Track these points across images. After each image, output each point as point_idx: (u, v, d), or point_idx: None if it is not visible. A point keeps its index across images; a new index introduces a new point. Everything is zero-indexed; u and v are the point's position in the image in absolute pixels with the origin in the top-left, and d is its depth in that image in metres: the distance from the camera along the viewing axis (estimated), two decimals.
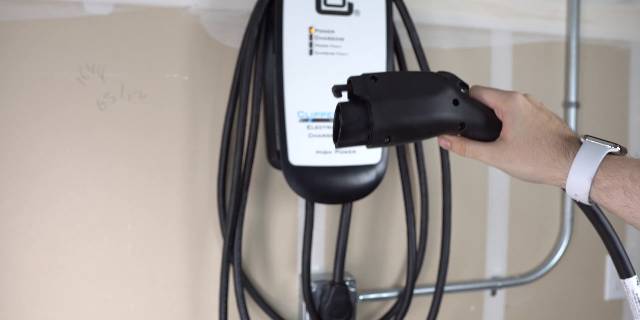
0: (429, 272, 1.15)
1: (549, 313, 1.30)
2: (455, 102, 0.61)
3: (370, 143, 0.60)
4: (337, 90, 0.60)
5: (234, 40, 1.01)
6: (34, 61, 0.91)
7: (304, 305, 1.04)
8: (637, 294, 0.61)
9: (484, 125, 0.63)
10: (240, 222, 0.94)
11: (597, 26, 1.30)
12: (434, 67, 1.11)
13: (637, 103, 1.36)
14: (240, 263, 0.95)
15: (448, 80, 0.63)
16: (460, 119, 0.62)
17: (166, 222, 0.99)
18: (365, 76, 0.60)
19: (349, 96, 0.62)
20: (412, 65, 1.04)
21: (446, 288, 1.17)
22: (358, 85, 0.60)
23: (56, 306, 0.94)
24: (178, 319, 1.01)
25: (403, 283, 1.15)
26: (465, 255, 1.21)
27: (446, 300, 1.19)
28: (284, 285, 1.07)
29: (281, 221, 1.06)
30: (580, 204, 0.62)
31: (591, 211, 0.63)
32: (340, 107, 0.60)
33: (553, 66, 1.27)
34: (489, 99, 0.64)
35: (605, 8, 1.30)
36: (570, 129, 0.62)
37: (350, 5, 0.94)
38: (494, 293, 1.23)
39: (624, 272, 0.61)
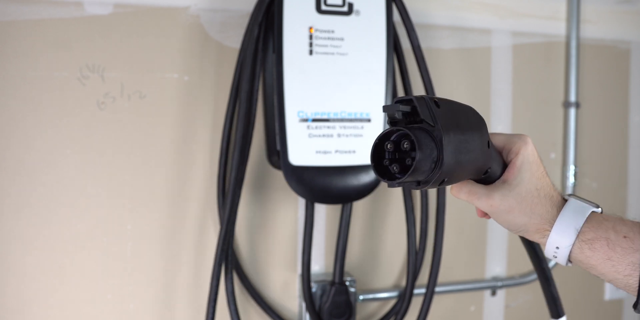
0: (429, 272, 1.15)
1: (549, 313, 1.29)
2: (489, 144, 0.54)
3: (428, 184, 0.49)
4: (391, 110, 0.49)
5: (234, 40, 1.01)
6: (34, 61, 0.91)
7: (304, 305, 1.04)
8: None
9: (499, 173, 0.57)
10: (232, 220, 0.94)
11: (597, 26, 1.30)
12: (434, 68, 1.11)
13: (637, 103, 1.36)
14: (233, 261, 0.95)
15: (482, 117, 0.55)
16: (489, 163, 0.55)
17: (166, 222, 0.99)
18: (427, 99, 0.49)
19: (391, 121, 0.50)
20: (412, 65, 1.04)
21: (446, 288, 1.17)
22: (424, 108, 0.48)
23: (56, 306, 0.94)
24: (178, 319, 1.01)
25: (403, 283, 1.15)
26: (465, 256, 1.21)
27: (446, 300, 1.19)
28: (284, 285, 1.07)
29: (281, 221, 1.06)
30: (527, 247, 0.64)
31: (535, 254, 0.64)
32: (410, 134, 0.47)
33: (553, 66, 1.27)
34: (499, 140, 0.60)
35: (605, 8, 1.30)
36: (555, 186, 0.61)
37: (350, 5, 0.94)
38: (494, 293, 1.23)
39: (556, 313, 0.69)
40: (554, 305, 0.66)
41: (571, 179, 1.26)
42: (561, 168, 1.28)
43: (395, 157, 0.50)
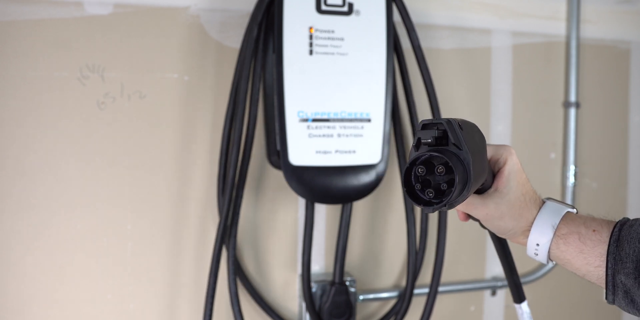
0: (429, 272, 1.15)
1: (549, 313, 1.30)
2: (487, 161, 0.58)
3: (454, 205, 0.50)
4: (428, 137, 0.49)
5: (234, 40, 1.01)
6: (34, 61, 0.91)
7: (304, 305, 1.04)
8: (529, 313, 0.79)
9: (490, 183, 0.61)
10: (235, 220, 0.94)
11: (597, 26, 1.30)
12: (434, 68, 1.11)
13: (637, 103, 1.36)
14: (234, 261, 0.95)
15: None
16: (485, 177, 0.58)
17: (166, 222, 0.99)
18: (454, 122, 0.50)
19: (423, 141, 0.50)
20: (412, 65, 1.04)
21: (446, 288, 1.17)
22: (453, 132, 0.49)
23: (56, 306, 0.94)
24: (178, 319, 1.01)
25: (403, 283, 1.15)
26: (465, 255, 1.21)
27: (446, 300, 1.19)
28: (284, 285, 1.07)
29: (281, 221, 1.06)
30: (494, 240, 0.68)
31: (500, 244, 0.67)
32: (448, 160, 0.48)
33: (553, 66, 1.27)
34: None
35: (605, 8, 1.30)
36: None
37: (350, 5, 0.94)
38: (494, 293, 1.23)
39: (518, 297, 0.75)
40: (516, 290, 0.74)
41: (571, 179, 1.26)
42: (561, 168, 1.28)
43: (427, 180, 0.50)
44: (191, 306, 1.02)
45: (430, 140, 0.50)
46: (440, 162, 0.49)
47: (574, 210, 0.63)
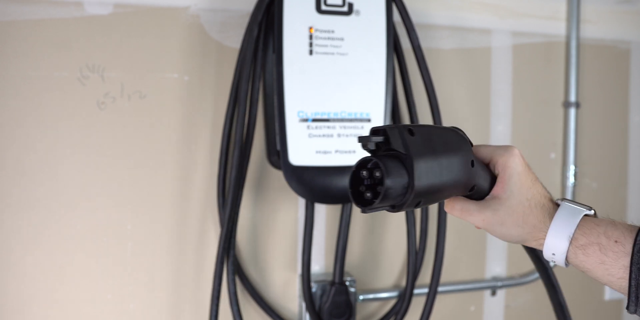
0: (429, 272, 1.15)
1: (549, 313, 1.29)
2: (472, 164, 0.56)
3: (402, 207, 0.52)
4: (365, 141, 0.52)
5: (234, 40, 1.01)
6: (34, 61, 0.91)
7: (304, 305, 1.04)
8: None
9: (488, 187, 0.59)
10: (235, 220, 0.94)
11: (597, 26, 1.30)
12: (434, 68, 1.11)
13: (637, 103, 1.36)
14: (234, 261, 0.95)
15: (465, 138, 0.57)
16: (473, 182, 0.57)
17: (166, 222, 0.99)
18: (401, 128, 0.52)
19: (365, 148, 0.53)
20: (412, 65, 1.04)
21: (446, 288, 1.17)
22: (395, 137, 0.51)
23: (56, 306, 0.94)
24: (178, 319, 1.01)
25: (403, 283, 1.15)
26: (465, 255, 1.21)
27: (446, 300, 1.19)
28: (284, 285, 1.07)
29: (281, 221, 1.06)
30: (531, 255, 0.64)
31: (539, 262, 0.64)
32: (379, 164, 0.50)
33: (553, 66, 1.27)
34: (485, 153, 0.60)
35: (605, 8, 1.30)
36: (547, 191, 0.61)
37: (350, 5, 0.94)
38: (494, 293, 1.23)
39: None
40: (562, 312, 0.68)
41: (571, 179, 1.26)
42: (561, 168, 1.28)
43: (373, 183, 0.52)
44: (191, 306, 1.02)
45: (369, 146, 0.52)
46: (375, 166, 0.51)
47: (592, 212, 0.59)
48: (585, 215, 0.58)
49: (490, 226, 0.59)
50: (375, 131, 0.53)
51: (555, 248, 0.57)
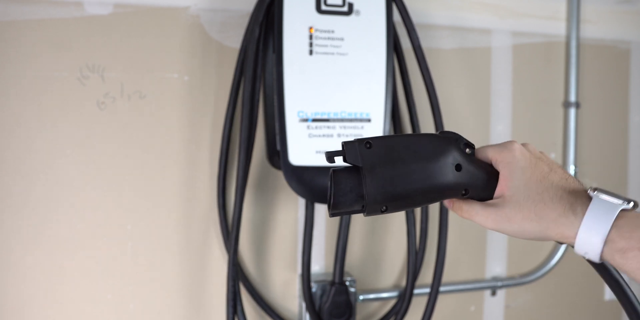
0: (429, 272, 1.15)
1: (549, 313, 1.30)
2: (458, 168, 0.56)
3: (366, 212, 0.56)
4: (329, 157, 0.56)
5: (234, 40, 1.01)
6: (34, 61, 0.91)
7: (304, 305, 1.04)
8: None
9: (491, 187, 0.58)
10: (239, 221, 0.94)
11: (597, 26, 1.30)
12: (434, 68, 1.11)
13: (637, 103, 1.36)
14: (235, 261, 0.95)
15: (451, 142, 0.58)
16: (464, 185, 0.57)
17: (166, 222, 0.99)
18: (359, 142, 0.56)
19: (329, 161, 0.58)
20: (412, 65, 1.04)
21: (446, 288, 1.17)
22: (351, 151, 0.55)
23: (56, 306, 0.94)
24: (178, 319, 1.01)
25: (403, 283, 1.15)
26: (465, 256, 1.21)
27: (446, 300, 1.19)
28: (284, 285, 1.07)
29: (281, 221, 1.06)
30: (589, 261, 0.56)
31: (604, 269, 0.57)
32: (331, 175, 0.56)
33: (553, 66, 1.27)
34: (484, 154, 0.59)
35: (605, 8, 1.30)
36: (574, 179, 0.56)
37: (350, 5, 0.94)
38: (494, 293, 1.23)
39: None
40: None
41: None
42: None
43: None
44: (191, 306, 1.02)
45: (331, 161, 0.57)
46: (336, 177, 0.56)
47: (630, 205, 0.51)
48: (623, 210, 0.51)
49: (498, 224, 0.56)
50: (335, 151, 0.57)
51: (587, 248, 0.51)
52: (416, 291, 1.09)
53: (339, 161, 0.57)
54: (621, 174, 1.36)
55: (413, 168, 0.55)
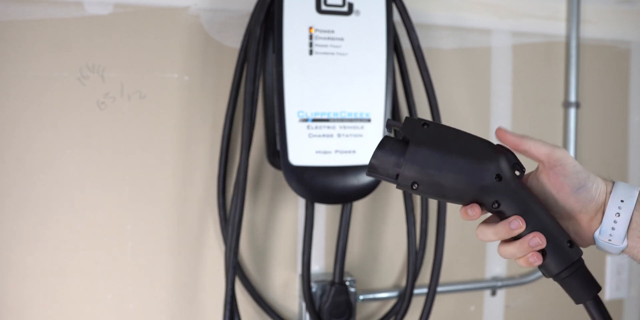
0: (429, 272, 1.15)
1: (549, 313, 1.30)
2: (499, 177, 0.57)
3: (398, 184, 0.58)
4: (388, 125, 0.60)
5: (234, 40, 1.01)
6: (34, 61, 0.91)
7: (304, 305, 1.04)
8: None
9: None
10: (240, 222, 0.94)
11: (597, 26, 1.30)
12: (434, 68, 1.11)
13: (637, 103, 1.36)
14: (235, 265, 0.95)
15: (502, 153, 0.59)
16: (497, 197, 0.58)
17: (166, 222, 0.99)
18: (420, 120, 0.59)
19: (387, 129, 0.62)
20: (412, 65, 1.04)
21: (446, 288, 1.17)
22: (408, 125, 0.59)
23: (56, 306, 0.94)
24: (177, 319, 1.01)
25: (403, 283, 1.15)
26: (465, 255, 1.21)
27: (446, 300, 1.19)
28: (284, 285, 1.07)
29: (281, 221, 1.06)
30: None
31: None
32: (381, 140, 0.59)
33: (553, 66, 1.27)
34: (540, 152, 0.61)
35: (605, 8, 1.30)
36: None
37: (350, 5, 0.94)
38: (494, 293, 1.23)
39: None
40: None
41: None
42: None
43: None
44: (191, 306, 1.02)
45: (388, 131, 0.62)
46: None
47: None
48: None
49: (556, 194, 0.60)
50: (405, 119, 0.60)
51: (624, 195, 0.57)
52: (416, 291, 1.09)
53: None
54: (621, 174, 1.36)
55: (454, 159, 0.57)
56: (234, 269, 0.93)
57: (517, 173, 0.59)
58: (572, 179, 0.59)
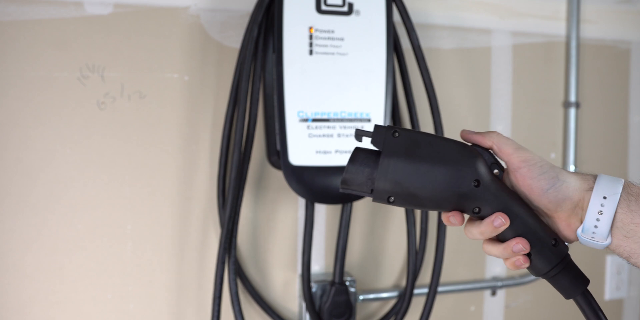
0: (429, 272, 1.15)
1: (549, 313, 1.30)
2: (477, 183, 0.55)
3: (373, 198, 0.56)
4: (358, 135, 0.58)
5: (234, 40, 1.01)
6: (34, 61, 0.91)
7: (304, 305, 1.04)
8: None
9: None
10: (236, 221, 0.94)
11: (597, 26, 1.30)
12: (434, 68, 1.11)
13: (637, 103, 1.36)
14: (235, 261, 0.95)
15: (477, 156, 0.57)
16: (477, 204, 0.56)
17: (166, 222, 0.99)
18: (388, 128, 0.56)
19: (357, 139, 0.59)
20: (412, 65, 1.04)
21: (446, 288, 1.17)
22: (378, 135, 0.56)
23: (56, 306, 0.94)
24: (177, 319, 1.01)
25: (403, 283, 1.15)
26: (465, 255, 1.21)
27: (446, 300, 1.19)
28: (284, 285, 1.07)
29: (281, 221, 1.06)
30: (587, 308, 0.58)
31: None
32: (353, 152, 0.57)
33: (553, 66, 1.27)
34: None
35: (605, 8, 1.30)
36: None
37: (350, 5, 0.94)
38: (494, 293, 1.23)
39: None
40: None
41: None
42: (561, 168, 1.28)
43: None
44: (191, 306, 1.02)
45: (358, 140, 0.59)
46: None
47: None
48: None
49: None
50: (374, 127, 0.58)
51: (607, 191, 0.54)
52: (416, 291, 1.09)
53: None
54: (621, 174, 1.36)
55: (429, 168, 0.55)
56: (223, 264, 0.93)
57: (497, 171, 0.57)
58: (539, 180, 0.56)
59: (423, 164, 0.55)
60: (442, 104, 1.06)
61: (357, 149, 0.57)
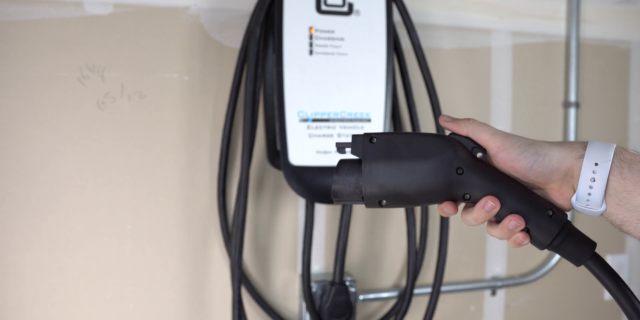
0: (429, 272, 1.15)
1: (549, 313, 1.30)
2: (460, 170, 0.56)
3: (365, 204, 0.58)
4: (339, 148, 0.59)
5: (234, 40, 1.01)
6: (34, 61, 0.91)
7: (304, 305, 1.04)
8: None
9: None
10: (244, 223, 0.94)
11: (597, 26, 1.30)
12: (434, 68, 1.11)
13: (637, 103, 1.36)
14: (240, 265, 0.95)
15: (454, 144, 0.57)
16: (465, 190, 0.56)
17: (166, 222, 0.99)
18: (365, 136, 0.58)
19: (339, 151, 0.61)
20: (412, 65, 1.04)
21: (446, 288, 1.17)
22: (356, 144, 0.58)
23: (56, 306, 0.94)
24: (178, 319, 1.01)
25: (403, 283, 1.15)
26: (465, 255, 1.21)
27: (446, 300, 1.19)
28: (284, 285, 1.07)
29: (281, 221, 1.06)
30: (602, 273, 0.58)
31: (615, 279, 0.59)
32: (337, 164, 0.59)
33: (553, 66, 1.27)
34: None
35: (605, 8, 1.30)
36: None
37: (350, 5, 0.94)
38: (494, 293, 1.23)
39: None
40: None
41: None
42: None
43: None
44: (191, 306, 1.02)
45: (340, 152, 0.60)
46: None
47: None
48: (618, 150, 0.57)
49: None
50: (352, 138, 0.59)
51: (598, 157, 0.54)
52: (416, 291, 1.09)
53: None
54: None
55: (409, 165, 0.56)
56: (240, 268, 0.93)
57: (480, 155, 0.58)
58: (520, 160, 0.56)
59: (404, 162, 0.56)
60: (442, 104, 1.06)
61: (340, 161, 0.59)
